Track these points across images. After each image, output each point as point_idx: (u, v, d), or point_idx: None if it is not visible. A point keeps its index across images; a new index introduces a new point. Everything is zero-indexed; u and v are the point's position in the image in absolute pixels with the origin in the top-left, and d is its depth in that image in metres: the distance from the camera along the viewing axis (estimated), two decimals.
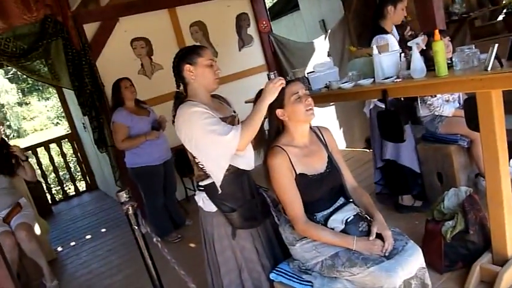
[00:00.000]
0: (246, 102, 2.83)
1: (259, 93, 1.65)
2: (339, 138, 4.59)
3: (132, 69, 4.02)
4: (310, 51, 4.72)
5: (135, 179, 3.26)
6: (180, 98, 1.68)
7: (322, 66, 2.74)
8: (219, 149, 1.56)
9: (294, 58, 4.79)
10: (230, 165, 1.63)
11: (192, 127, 1.57)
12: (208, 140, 1.56)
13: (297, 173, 1.62)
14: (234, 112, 1.81)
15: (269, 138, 1.70)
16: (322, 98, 2.51)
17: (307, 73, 2.83)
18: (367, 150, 4.19)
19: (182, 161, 3.90)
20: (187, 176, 4.19)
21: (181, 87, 1.72)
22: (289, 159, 1.61)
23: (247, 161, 1.69)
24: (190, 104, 1.61)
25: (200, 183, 1.72)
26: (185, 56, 1.69)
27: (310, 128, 1.75)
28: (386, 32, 2.64)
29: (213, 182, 1.66)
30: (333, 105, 4.51)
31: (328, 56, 3.50)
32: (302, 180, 1.62)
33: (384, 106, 2.29)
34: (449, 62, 1.85)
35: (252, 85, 2.78)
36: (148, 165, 3.17)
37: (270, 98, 1.59)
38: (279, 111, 1.67)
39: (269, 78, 2.27)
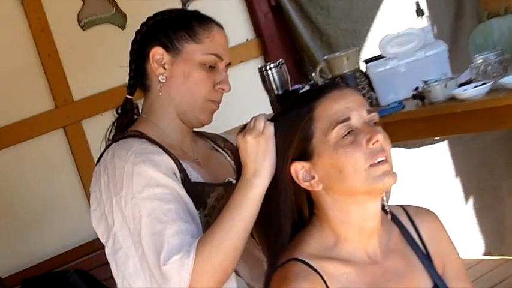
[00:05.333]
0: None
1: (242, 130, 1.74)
2: (464, 228, 4.49)
3: None
4: (370, 2, 4.78)
5: None
6: (128, 114, 1.96)
7: (404, 42, 2.81)
8: (146, 281, 1.74)
9: (329, 22, 4.83)
10: None
11: (121, 205, 1.73)
12: (136, 251, 1.73)
13: None
14: (236, 176, 1.89)
15: (276, 239, 1.71)
16: (408, 125, 2.59)
17: (365, 61, 2.92)
18: None
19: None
20: None
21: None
22: None
23: None
24: (132, 144, 1.79)
25: None
26: (164, 28, 1.91)
27: (384, 210, 1.72)
28: None
29: None
30: (439, 141, 4.49)
31: (418, 13, 3.43)
32: None
33: None
34: None
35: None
36: None
37: (262, 164, 1.67)
38: (297, 168, 1.64)
39: (263, 80, 2.44)
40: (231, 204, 1.71)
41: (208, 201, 1.80)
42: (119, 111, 1.95)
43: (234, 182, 1.86)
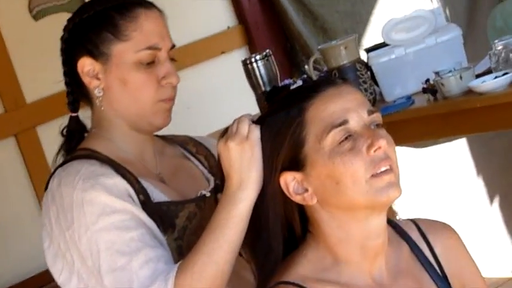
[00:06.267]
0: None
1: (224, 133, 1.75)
2: (488, 242, 4.51)
3: None
4: None
5: None
6: (74, 136, 1.99)
7: (412, 26, 2.84)
8: None
9: (324, 4, 4.88)
10: None
11: (75, 240, 1.76)
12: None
13: None
14: (211, 187, 2.00)
15: (265, 260, 1.71)
16: (419, 124, 2.62)
17: (367, 50, 2.95)
18: None
19: None
20: None
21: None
22: None
23: None
24: (78, 168, 1.81)
25: None
26: (85, 31, 1.91)
27: (391, 224, 1.78)
28: None
29: None
30: (455, 139, 4.51)
31: None
32: None
33: None
34: None
35: (208, 92, 2.85)
36: None
37: (248, 174, 1.66)
38: (287, 179, 1.66)
39: (248, 74, 2.42)
40: (213, 223, 1.70)
41: (177, 222, 1.81)
42: (64, 133, 1.97)
43: (208, 194, 1.94)
